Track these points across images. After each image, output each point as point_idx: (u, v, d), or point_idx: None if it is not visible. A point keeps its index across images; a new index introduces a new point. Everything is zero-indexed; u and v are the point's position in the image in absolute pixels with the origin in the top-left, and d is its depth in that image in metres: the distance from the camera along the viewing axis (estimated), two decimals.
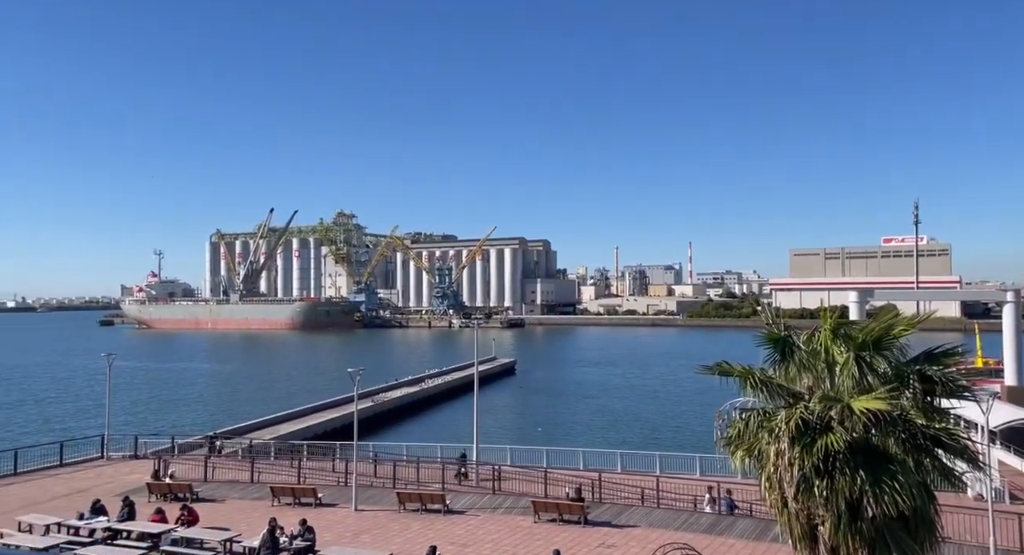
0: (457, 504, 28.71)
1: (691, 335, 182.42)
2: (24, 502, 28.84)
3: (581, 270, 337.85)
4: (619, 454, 35.39)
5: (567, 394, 79.46)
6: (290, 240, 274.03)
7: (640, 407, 70.10)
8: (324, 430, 50.19)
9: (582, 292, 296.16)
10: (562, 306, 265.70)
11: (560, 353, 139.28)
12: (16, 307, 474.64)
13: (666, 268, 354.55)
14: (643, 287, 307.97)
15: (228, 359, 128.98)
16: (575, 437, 52.30)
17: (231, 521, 25.78)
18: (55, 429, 56.27)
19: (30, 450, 36.78)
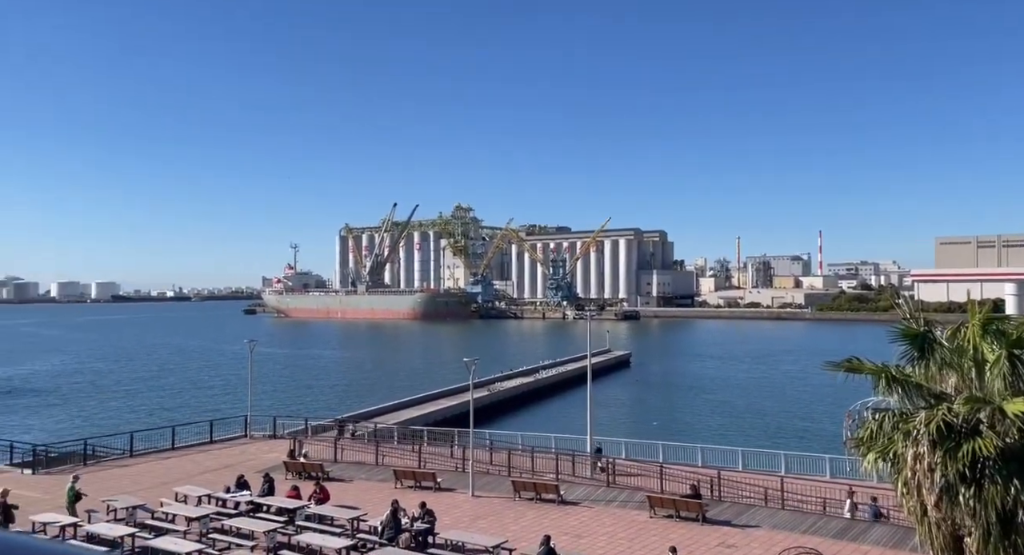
0: (571, 495, 28.81)
1: (820, 329, 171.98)
2: (180, 474, 31.98)
3: (700, 261, 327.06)
4: (740, 452, 34.05)
5: (684, 388, 77.41)
6: (411, 233, 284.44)
7: (763, 404, 67.08)
8: (443, 417, 51.88)
9: (701, 284, 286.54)
10: (679, 298, 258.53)
11: (677, 346, 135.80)
12: (174, 296, 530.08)
13: (793, 259, 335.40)
14: (767, 279, 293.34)
15: (355, 347, 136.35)
16: (693, 433, 50.88)
17: (358, 500, 27.29)
18: (207, 409, 61.82)
19: (185, 427, 40.66)
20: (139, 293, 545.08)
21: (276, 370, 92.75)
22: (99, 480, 30.93)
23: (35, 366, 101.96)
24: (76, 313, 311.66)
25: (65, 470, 32.47)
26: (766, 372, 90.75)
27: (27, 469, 32.44)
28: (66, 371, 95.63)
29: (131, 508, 24.75)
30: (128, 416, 59.46)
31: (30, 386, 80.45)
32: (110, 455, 35.69)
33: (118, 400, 70.36)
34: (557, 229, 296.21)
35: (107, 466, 34.00)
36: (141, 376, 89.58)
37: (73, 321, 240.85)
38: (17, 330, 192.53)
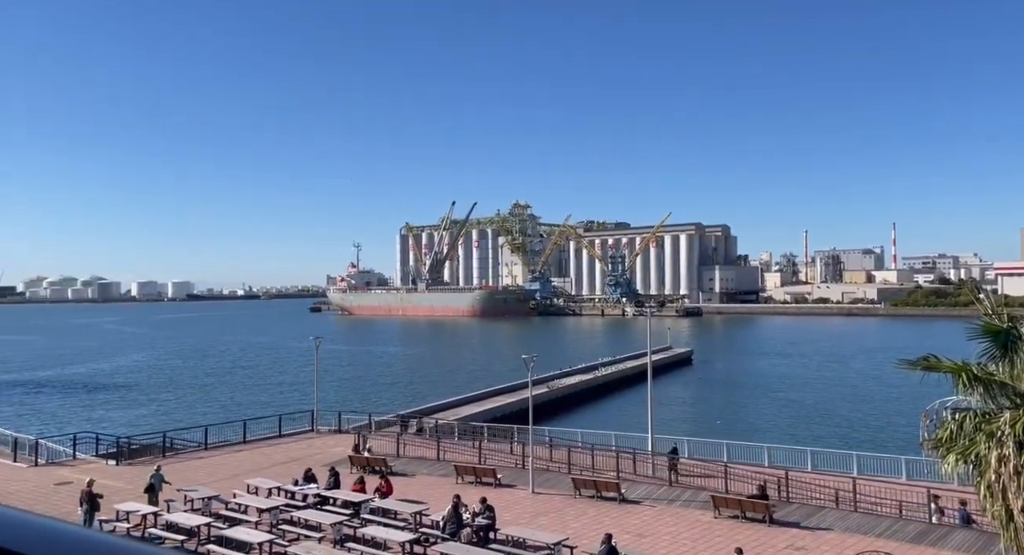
0: (632, 493, 28.50)
1: (895, 326, 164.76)
2: (251, 467, 33.19)
3: (765, 256, 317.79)
4: (809, 452, 32.98)
5: (749, 387, 75.46)
6: (470, 231, 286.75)
7: (834, 403, 64.74)
8: (502, 413, 52.13)
9: (766, 279, 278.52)
10: (743, 294, 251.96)
11: (741, 343, 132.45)
12: (244, 295, 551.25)
13: (864, 252, 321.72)
14: (837, 273, 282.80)
15: (416, 343, 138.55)
16: (758, 432, 49.56)
17: (420, 495, 27.72)
18: (275, 403, 63.93)
19: (256, 422, 42.13)
20: (212, 292, 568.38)
21: (341, 366, 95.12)
22: (176, 471, 32.40)
23: (118, 362, 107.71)
24: (154, 311, 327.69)
25: (146, 461, 34.18)
26: (837, 370, 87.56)
27: (111, 460, 34.28)
28: (146, 367, 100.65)
29: (206, 499, 25.84)
30: (203, 410, 62.10)
31: (113, 381, 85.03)
32: (187, 447, 37.35)
33: (193, 394, 73.59)
34: (616, 225, 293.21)
35: (184, 458, 35.60)
36: (214, 371, 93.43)
37: (151, 319, 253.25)
38: (101, 328, 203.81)
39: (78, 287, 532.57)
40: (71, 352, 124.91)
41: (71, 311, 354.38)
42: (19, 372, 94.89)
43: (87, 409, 64.88)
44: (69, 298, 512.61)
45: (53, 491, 28.84)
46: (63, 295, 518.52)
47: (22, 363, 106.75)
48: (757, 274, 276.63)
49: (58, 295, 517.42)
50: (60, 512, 25.29)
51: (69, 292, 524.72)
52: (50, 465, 33.47)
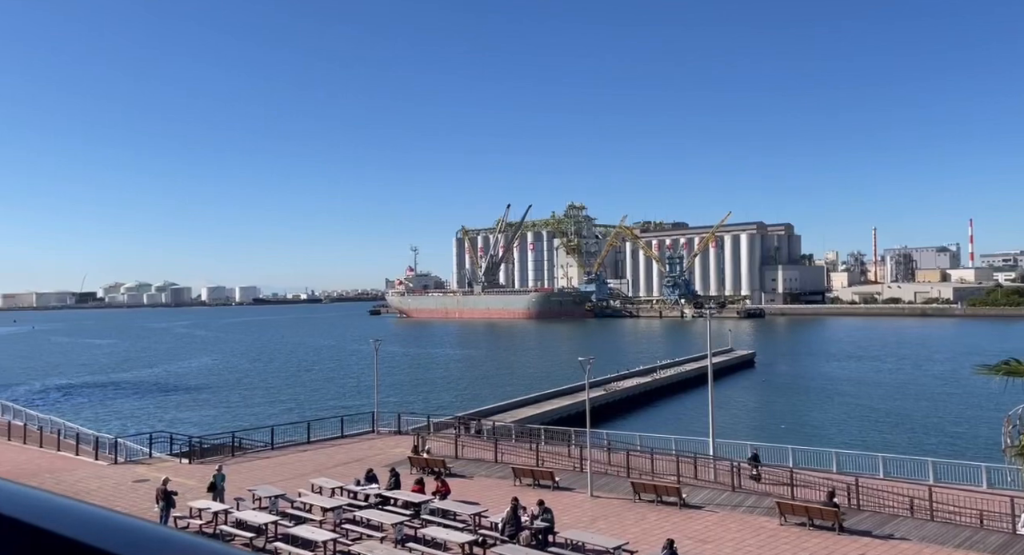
0: (694, 498, 27.94)
1: (973, 327, 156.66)
2: (315, 467, 34.03)
3: (830, 255, 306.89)
4: (881, 458, 31.62)
5: (815, 390, 72.97)
6: (525, 233, 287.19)
7: (907, 408, 61.96)
8: (559, 416, 51.91)
9: (832, 279, 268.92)
10: (808, 294, 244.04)
11: (806, 345, 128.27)
12: (307, 299, 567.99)
13: (938, 250, 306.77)
14: (909, 272, 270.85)
15: (472, 346, 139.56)
16: (825, 437, 47.83)
17: (478, 497, 27.86)
18: (337, 405, 65.43)
19: (319, 422, 43.21)
20: (276, 296, 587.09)
21: (399, 368, 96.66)
22: (244, 470, 33.54)
23: (189, 364, 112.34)
24: (222, 315, 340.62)
25: (216, 460, 35.48)
26: (910, 373, 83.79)
27: (184, 458, 35.74)
28: (215, 369, 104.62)
29: (273, 497, 26.61)
30: (269, 411, 64.08)
31: (185, 382, 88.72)
32: (254, 447, 38.59)
33: (260, 395, 76.03)
34: (673, 225, 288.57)
35: (252, 457, 36.80)
36: (279, 373, 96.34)
37: (220, 322, 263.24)
38: (173, 331, 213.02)
39: (152, 292, 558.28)
40: (146, 355, 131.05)
41: (146, 315, 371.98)
42: (100, 374, 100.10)
43: (161, 409, 67.87)
44: (144, 303, 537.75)
45: (131, 488, 30.24)
46: (139, 300, 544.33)
47: (102, 365, 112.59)
48: (823, 274, 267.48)
49: (134, 300, 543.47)
50: (138, 509, 26.52)
51: (144, 297, 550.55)
52: (128, 463, 35.12)
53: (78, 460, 35.81)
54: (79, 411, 64.85)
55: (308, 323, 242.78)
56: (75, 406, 69.81)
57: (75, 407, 68.78)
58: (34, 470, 33.22)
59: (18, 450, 38.65)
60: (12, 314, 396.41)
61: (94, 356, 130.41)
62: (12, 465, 34.30)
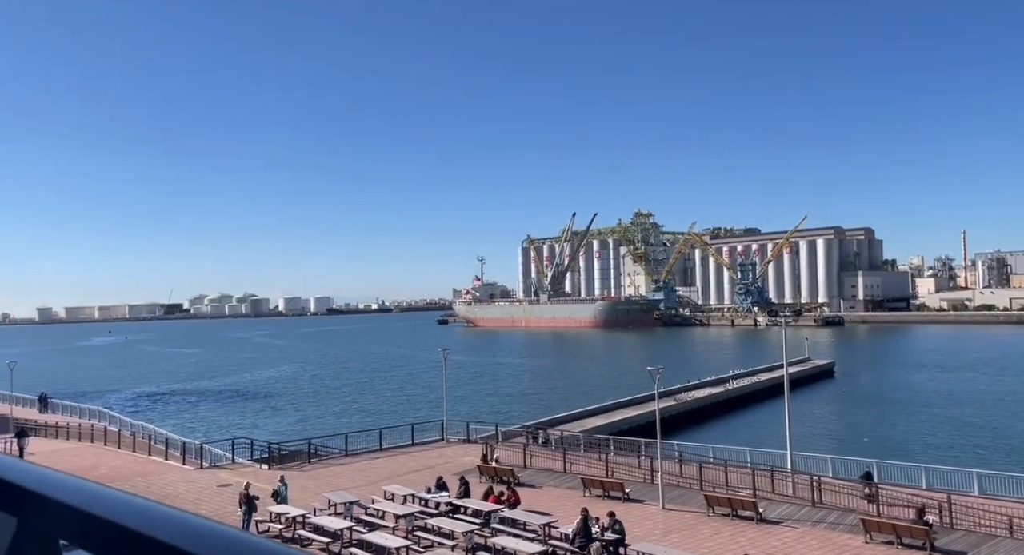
0: (771, 513, 27.01)
1: None
2: (387, 474, 34.71)
3: (915, 260, 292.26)
4: (975, 474, 29.73)
5: (901, 402, 69.31)
6: (591, 242, 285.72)
7: (1004, 422, 58.03)
8: (627, 426, 51.20)
9: (917, 285, 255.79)
10: (891, 301, 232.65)
11: (890, 355, 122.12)
12: (378, 309, 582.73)
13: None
14: (1003, 277, 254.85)
15: (539, 355, 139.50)
16: (912, 452, 45.32)
17: (547, 507, 27.77)
18: (408, 413, 66.60)
19: (390, 430, 44.09)
20: (348, 306, 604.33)
21: (467, 377, 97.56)
22: (320, 477, 34.55)
23: (267, 373, 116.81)
24: (298, 325, 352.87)
25: (292, 466, 36.68)
26: (1009, 385, 78.50)
27: (264, 464, 37.11)
28: (292, 377, 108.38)
29: (348, 504, 27.29)
30: (342, 418, 65.85)
31: (264, 390, 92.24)
32: (329, 454, 39.71)
33: (334, 403, 78.25)
34: (744, 231, 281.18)
35: (327, 464, 37.87)
36: (352, 381, 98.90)
37: (296, 332, 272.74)
38: (252, 341, 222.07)
39: (233, 303, 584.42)
40: (228, 364, 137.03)
41: (228, 325, 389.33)
42: (186, 381, 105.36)
43: (242, 416, 70.75)
44: (226, 313, 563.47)
45: (216, 492, 31.63)
46: (221, 311, 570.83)
47: (188, 373, 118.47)
48: (907, 280, 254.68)
49: (216, 311, 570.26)
50: (222, 512, 27.70)
51: (226, 308, 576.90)
52: (213, 468, 36.76)
53: (167, 465, 37.75)
54: (167, 417, 68.38)
55: (379, 332, 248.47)
56: (163, 412, 73.67)
57: (163, 413, 72.58)
58: (128, 474, 35.22)
59: (114, 454, 41.08)
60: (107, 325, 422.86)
61: (180, 365, 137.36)
62: (108, 469, 36.48)
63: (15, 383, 58.72)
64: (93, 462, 38.38)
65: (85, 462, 38.00)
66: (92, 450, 42.81)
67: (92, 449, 43.09)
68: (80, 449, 43.21)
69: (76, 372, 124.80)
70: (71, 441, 45.91)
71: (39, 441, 45.07)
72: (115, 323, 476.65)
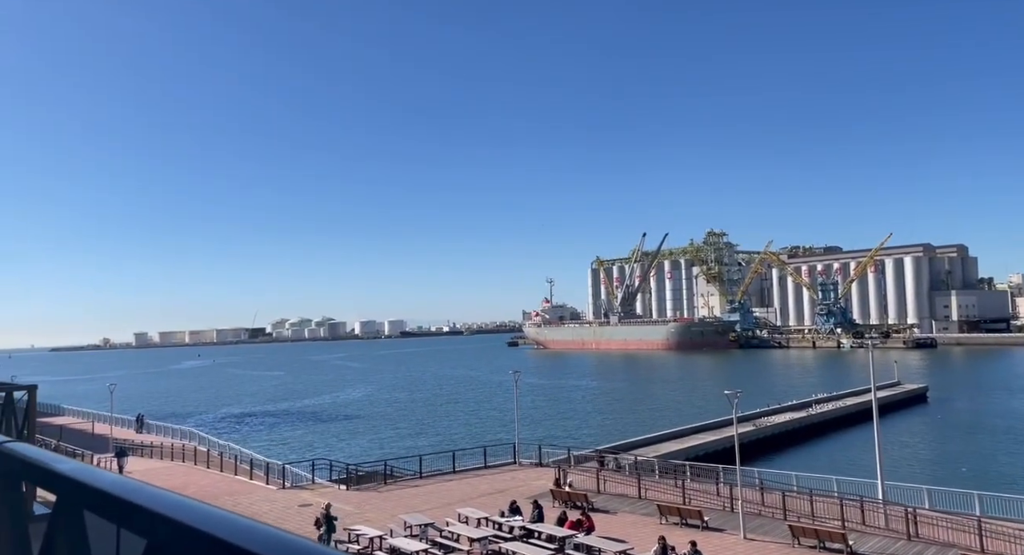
0: (862, 546, 25.64)
1: None
2: (460, 497, 34.91)
3: (1015, 278, 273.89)
4: None
5: (1004, 430, 64.58)
6: (662, 262, 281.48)
7: None
8: (704, 451, 49.77)
9: (1018, 304, 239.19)
10: (988, 322, 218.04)
11: (990, 379, 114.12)
12: (449, 331, 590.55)
13: None
14: None
15: (610, 377, 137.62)
16: (1018, 483, 42.15)
17: (623, 533, 27.25)
18: (480, 435, 66.91)
19: (463, 453, 44.38)
20: (421, 329, 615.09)
21: (538, 400, 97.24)
22: (396, 498, 35.10)
23: (345, 394, 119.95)
24: (373, 348, 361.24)
25: (370, 487, 37.42)
26: None
27: (343, 485, 38.02)
28: (368, 399, 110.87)
29: (423, 525, 27.60)
30: (417, 440, 66.73)
31: (342, 412, 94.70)
32: (404, 476, 40.31)
33: (408, 425, 79.47)
34: (825, 249, 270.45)
35: (402, 485, 38.45)
36: (426, 403, 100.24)
37: (371, 354, 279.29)
38: (331, 363, 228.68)
39: (312, 327, 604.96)
40: (307, 386, 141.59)
41: (307, 348, 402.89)
42: (268, 403, 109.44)
43: (321, 437, 72.79)
44: (305, 337, 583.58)
45: (297, 512, 32.60)
46: (301, 334, 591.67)
47: (270, 396, 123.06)
48: (1006, 299, 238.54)
49: (297, 334, 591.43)
50: (303, 532, 28.52)
51: (305, 331, 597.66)
52: (294, 488, 37.95)
53: (251, 484, 39.22)
54: (251, 438, 71.10)
55: (451, 355, 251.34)
56: (247, 433, 76.66)
57: (247, 434, 75.52)
58: (216, 493, 36.79)
59: (202, 474, 43.03)
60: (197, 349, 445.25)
61: (263, 387, 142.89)
62: (198, 488, 38.23)
63: (114, 404, 62.52)
64: (184, 481, 40.30)
65: (177, 481, 39.94)
66: (183, 469, 44.99)
67: (183, 468, 45.29)
68: (172, 468, 45.50)
69: (169, 394, 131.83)
70: (164, 460, 48.44)
71: (135, 460, 47.75)
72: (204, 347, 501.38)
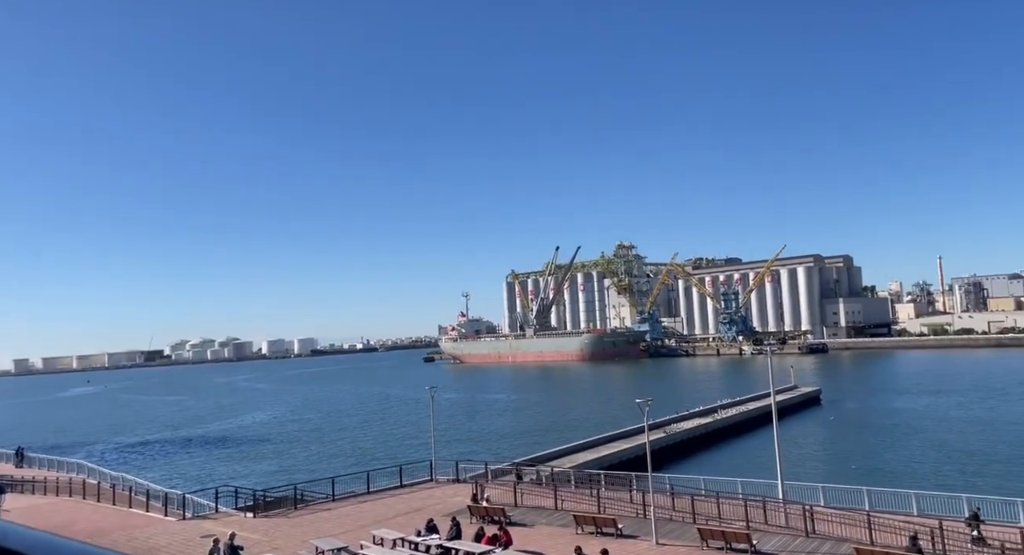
0: (765, 545, 26.81)
1: None
2: (376, 518, 34.05)
3: (894, 286, 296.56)
4: (965, 499, 29.80)
5: (888, 428, 69.55)
6: (575, 275, 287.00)
7: (992, 445, 58.35)
8: (618, 460, 50.80)
9: (897, 311, 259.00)
10: (872, 327, 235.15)
11: (876, 380, 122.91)
12: (363, 348, 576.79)
13: (1010, 277, 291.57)
14: (980, 301, 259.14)
15: (527, 390, 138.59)
16: (902, 478, 45.40)
17: (540, 546, 27.35)
18: (396, 454, 65.59)
19: (378, 472, 43.36)
20: (333, 347, 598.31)
21: (456, 415, 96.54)
22: (307, 523, 33.82)
23: (252, 417, 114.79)
24: (282, 368, 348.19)
25: (280, 513, 35.88)
26: (991, 408, 79.14)
27: (249, 512, 36.25)
28: (277, 421, 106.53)
29: (336, 550, 26.70)
30: (330, 462, 64.66)
31: (248, 436, 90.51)
32: (316, 499, 38.91)
33: (320, 447, 76.91)
34: (726, 261, 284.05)
35: (314, 509, 37.09)
36: (338, 424, 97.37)
37: (280, 375, 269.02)
38: (236, 385, 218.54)
39: (216, 348, 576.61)
40: (211, 410, 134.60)
41: (210, 370, 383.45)
42: (168, 430, 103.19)
43: (226, 463, 69.27)
44: (208, 358, 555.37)
45: (199, 543, 30.77)
46: (203, 356, 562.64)
47: (170, 422, 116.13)
48: (887, 306, 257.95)
49: (199, 356, 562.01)
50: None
51: (208, 353, 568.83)
52: (196, 518, 35.84)
53: (148, 516, 36.75)
54: (149, 468, 66.77)
55: (365, 372, 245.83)
56: (145, 463, 71.96)
57: (145, 464, 70.89)
58: (108, 528, 34.23)
59: (92, 508, 39.94)
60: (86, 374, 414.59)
61: (161, 413, 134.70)
62: (88, 523, 35.44)
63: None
64: (71, 517, 37.29)
65: (63, 518, 36.90)
66: (70, 505, 41.62)
67: (70, 503, 41.90)
68: (58, 504, 42.01)
69: (54, 424, 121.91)
70: (49, 496, 44.62)
71: (15, 497, 43.73)
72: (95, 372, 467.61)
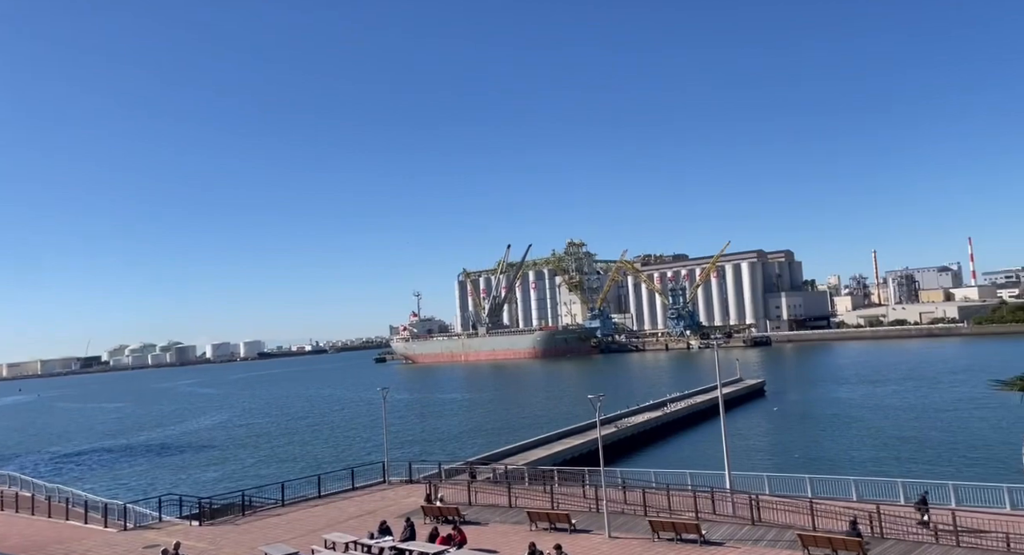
0: (714, 534, 27.43)
1: (980, 345, 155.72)
2: (327, 522, 33.49)
3: (832, 280, 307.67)
4: (900, 483, 31.09)
5: (828, 417, 72.17)
6: (527, 273, 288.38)
7: (923, 431, 61.18)
8: (571, 455, 51.27)
9: (836, 303, 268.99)
10: (813, 320, 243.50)
11: (815, 372, 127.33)
12: (312, 350, 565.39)
13: (940, 270, 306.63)
14: (912, 293, 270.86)
15: (480, 389, 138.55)
16: (841, 465, 47.20)
17: (494, 544, 27.37)
18: (348, 456, 64.72)
19: (329, 475, 42.64)
20: (281, 349, 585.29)
21: (408, 416, 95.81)
22: (256, 529, 33.02)
23: (196, 424, 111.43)
24: (228, 372, 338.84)
25: (227, 520, 34.92)
26: (923, 396, 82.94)
27: (195, 521, 35.16)
28: (222, 426, 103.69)
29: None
30: (280, 467, 63.33)
31: (193, 442, 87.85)
32: (265, 505, 38.01)
33: (269, 451, 75.22)
34: (674, 257, 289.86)
35: (263, 515, 36.22)
36: (287, 427, 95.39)
37: (226, 379, 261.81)
38: (179, 391, 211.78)
39: (157, 353, 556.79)
40: (153, 417, 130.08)
41: (151, 376, 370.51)
42: (107, 438, 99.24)
43: (170, 471, 67.09)
44: (149, 363, 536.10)
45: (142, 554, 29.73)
46: (144, 361, 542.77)
47: (109, 430, 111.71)
48: (826, 299, 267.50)
49: (139, 361, 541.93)
50: None
51: (149, 358, 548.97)
52: (138, 528, 34.54)
53: (87, 529, 35.28)
54: (87, 478, 64.19)
55: (314, 375, 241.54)
56: (83, 473, 69.10)
57: (83, 474, 68.09)
58: (43, 542, 32.72)
59: (27, 522, 38.11)
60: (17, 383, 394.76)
61: (100, 421, 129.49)
62: (21, 538, 33.81)
63: None
64: (3, 531, 35.50)
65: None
66: (1, 518, 39.63)
67: (2, 517, 39.89)
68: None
69: None
70: None
71: None
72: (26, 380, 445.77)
